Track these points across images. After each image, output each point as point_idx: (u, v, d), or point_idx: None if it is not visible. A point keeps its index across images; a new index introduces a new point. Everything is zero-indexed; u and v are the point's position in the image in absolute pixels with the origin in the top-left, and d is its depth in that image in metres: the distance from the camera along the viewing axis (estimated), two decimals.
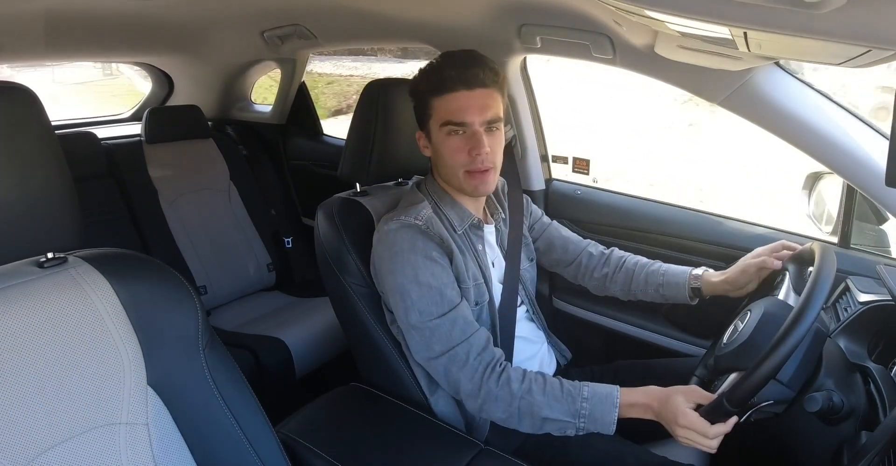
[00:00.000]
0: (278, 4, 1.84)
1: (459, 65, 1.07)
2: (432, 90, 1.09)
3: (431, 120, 1.11)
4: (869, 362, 1.05)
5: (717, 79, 1.21)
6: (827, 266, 0.94)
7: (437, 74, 1.08)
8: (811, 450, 0.98)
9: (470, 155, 1.08)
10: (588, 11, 1.25)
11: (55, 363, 0.73)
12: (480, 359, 1.04)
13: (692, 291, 1.26)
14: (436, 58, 1.12)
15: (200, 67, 2.55)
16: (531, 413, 1.00)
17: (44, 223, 0.75)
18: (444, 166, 1.13)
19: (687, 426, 0.90)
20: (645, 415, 0.98)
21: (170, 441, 0.81)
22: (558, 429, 1.01)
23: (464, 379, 1.03)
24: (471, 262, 1.14)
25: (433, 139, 1.13)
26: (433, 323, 1.04)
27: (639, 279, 1.33)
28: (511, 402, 1.01)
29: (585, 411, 0.99)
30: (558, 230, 1.44)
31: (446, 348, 1.04)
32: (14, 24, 1.68)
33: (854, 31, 0.59)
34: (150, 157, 2.23)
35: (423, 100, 1.12)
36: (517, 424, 1.02)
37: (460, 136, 1.08)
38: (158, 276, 0.84)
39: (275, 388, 1.83)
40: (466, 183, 1.12)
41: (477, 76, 1.06)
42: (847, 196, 1.32)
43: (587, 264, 1.41)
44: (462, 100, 1.07)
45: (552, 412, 1.00)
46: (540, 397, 1.00)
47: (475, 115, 1.07)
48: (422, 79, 1.11)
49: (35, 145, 0.73)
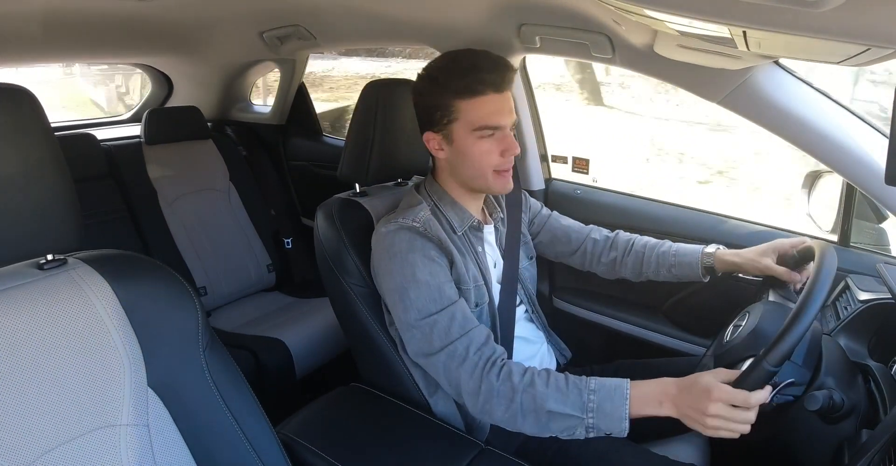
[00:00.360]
0: (277, 5, 1.84)
1: (491, 68, 1.05)
2: (461, 92, 1.06)
3: (457, 122, 1.08)
4: (869, 360, 1.05)
5: (716, 79, 1.21)
6: (828, 261, 0.94)
7: (469, 77, 1.05)
8: (812, 449, 0.98)
9: (503, 156, 1.09)
10: (587, 11, 1.25)
11: (55, 365, 0.73)
12: (480, 354, 1.01)
13: (705, 269, 1.26)
14: (444, 58, 1.11)
15: (200, 68, 2.55)
16: (535, 409, 0.95)
17: (44, 224, 0.75)
18: (471, 168, 1.11)
19: (723, 399, 0.84)
20: (659, 410, 0.91)
21: (170, 442, 0.81)
22: (565, 429, 0.95)
23: (464, 375, 1.00)
24: (471, 264, 1.14)
25: (457, 142, 1.10)
26: (431, 319, 1.03)
27: (650, 261, 1.32)
28: (513, 397, 0.96)
29: (593, 404, 0.93)
30: (559, 220, 1.44)
31: (445, 343, 1.02)
32: (12, 24, 1.68)
33: (853, 30, 0.59)
34: (149, 158, 2.23)
35: (444, 102, 1.08)
36: (521, 422, 0.97)
37: (491, 139, 1.08)
38: (158, 277, 0.84)
39: (275, 389, 1.83)
40: (496, 182, 1.11)
41: (507, 79, 1.06)
42: (847, 194, 1.32)
43: (593, 250, 1.40)
44: (495, 103, 1.06)
45: (557, 404, 0.94)
46: (543, 388, 0.96)
47: (507, 118, 1.08)
48: (450, 83, 1.07)
49: (35, 147, 0.73)
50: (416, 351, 1.06)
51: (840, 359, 1.00)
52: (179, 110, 2.41)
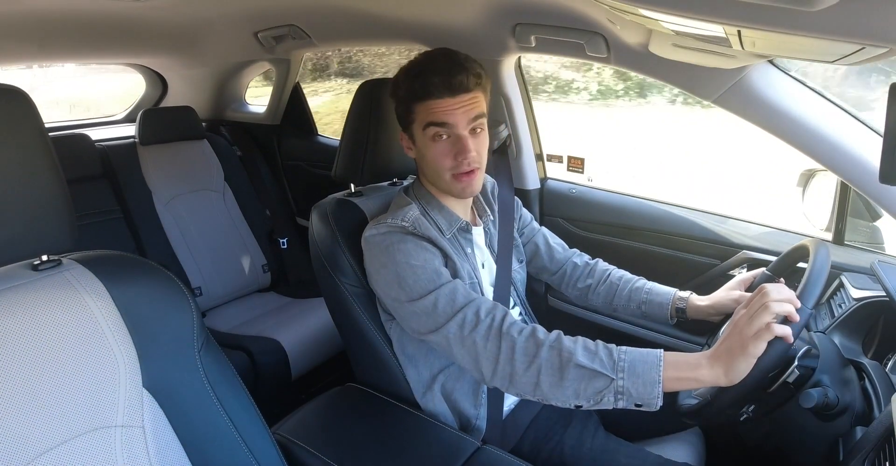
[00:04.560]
0: (273, 5, 1.83)
1: (443, 71, 1.03)
2: (415, 96, 1.06)
3: (415, 123, 1.09)
4: (864, 358, 1.06)
5: (711, 78, 1.21)
6: (821, 258, 0.95)
7: (419, 80, 1.04)
8: (807, 446, 0.98)
9: (456, 159, 1.07)
10: (582, 10, 1.25)
11: (50, 366, 0.72)
12: (493, 317, 0.98)
13: (676, 311, 1.25)
14: (416, 57, 1.09)
15: (194, 68, 2.54)
16: (560, 366, 0.90)
17: (38, 225, 0.74)
18: (430, 169, 1.12)
19: (779, 298, 0.86)
20: (696, 371, 0.86)
21: (166, 443, 0.81)
22: (594, 393, 0.89)
23: (479, 339, 0.96)
24: (464, 263, 1.14)
25: (417, 142, 1.11)
26: (433, 296, 1.01)
27: (622, 294, 1.33)
28: (538, 352, 0.92)
29: (624, 363, 0.88)
30: (546, 237, 1.44)
31: (451, 313, 0.99)
32: (6, 25, 1.67)
33: (847, 29, 0.59)
34: (144, 159, 2.23)
35: (404, 103, 1.09)
36: (545, 382, 0.91)
37: (445, 141, 1.06)
38: (153, 278, 0.83)
39: (271, 389, 1.83)
40: (453, 185, 1.10)
41: (462, 83, 1.03)
42: (841, 193, 1.33)
43: (571, 274, 1.41)
44: (447, 105, 1.04)
45: (586, 359, 0.89)
46: (571, 344, 0.92)
47: (457, 117, 1.05)
48: (403, 85, 1.07)
49: (29, 147, 0.73)
50: (423, 329, 1.03)
51: (835, 357, 1.00)
52: (174, 110, 2.41)
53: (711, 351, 0.88)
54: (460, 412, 1.17)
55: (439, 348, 1.04)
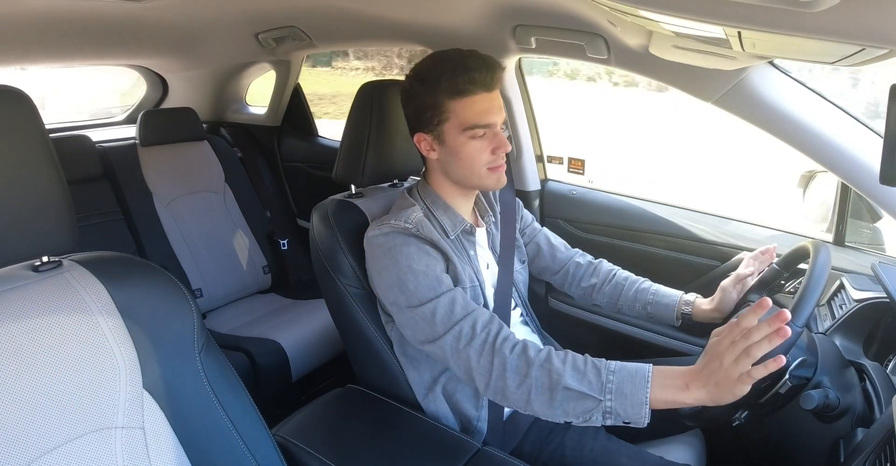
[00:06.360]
0: (273, 7, 1.83)
1: (481, 67, 1.05)
2: (451, 92, 1.05)
3: (448, 123, 1.08)
4: (864, 359, 1.06)
5: (711, 79, 1.21)
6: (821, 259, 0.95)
7: (459, 76, 1.04)
8: (807, 448, 0.98)
9: (494, 153, 1.09)
10: (582, 12, 1.25)
11: (50, 367, 0.72)
12: (488, 332, 0.99)
13: (681, 315, 1.27)
14: (432, 58, 1.10)
15: (195, 70, 2.54)
16: (550, 386, 0.91)
17: (38, 226, 0.74)
18: (464, 167, 1.11)
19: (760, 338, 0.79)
20: (684, 394, 0.85)
21: (166, 444, 0.81)
22: (582, 412, 0.90)
23: (473, 354, 0.98)
24: (466, 266, 1.14)
25: (448, 142, 1.10)
26: (432, 304, 1.02)
27: (627, 294, 1.33)
28: (528, 372, 0.93)
29: (612, 385, 0.89)
30: (547, 237, 1.44)
31: (449, 325, 1.00)
32: (8, 26, 1.67)
33: (847, 30, 0.59)
34: (144, 160, 2.23)
35: (434, 102, 1.07)
36: (535, 399, 0.93)
37: (483, 138, 1.08)
38: (154, 279, 0.83)
39: (271, 390, 1.83)
40: (489, 178, 1.11)
41: (496, 78, 1.07)
42: (841, 194, 1.33)
43: (574, 273, 1.41)
44: (485, 102, 1.06)
45: (574, 382, 0.90)
46: (560, 365, 0.92)
47: (497, 116, 1.08)
48: (435, 81, 1.06)
49: (29, 148, 0.73)
50: (421, 339, 1.05)
51: (835, 358, 1.00)
52: (175, 112, 2.41)
53: (699, 372, 0.85)
54: (462, 413, 1.17)
55: (436, 357, 1.05)
